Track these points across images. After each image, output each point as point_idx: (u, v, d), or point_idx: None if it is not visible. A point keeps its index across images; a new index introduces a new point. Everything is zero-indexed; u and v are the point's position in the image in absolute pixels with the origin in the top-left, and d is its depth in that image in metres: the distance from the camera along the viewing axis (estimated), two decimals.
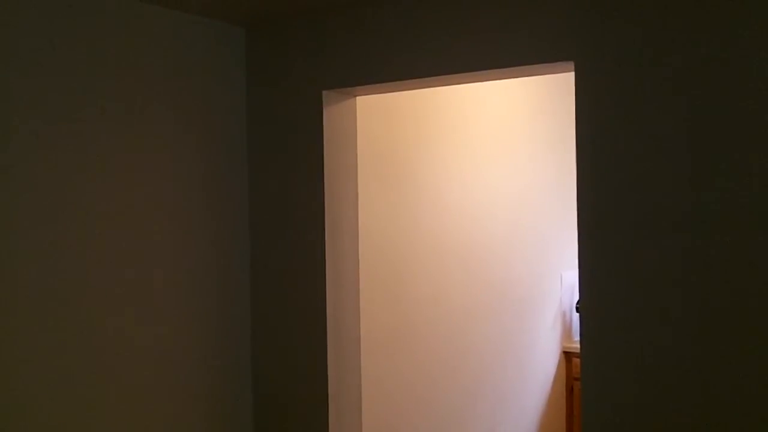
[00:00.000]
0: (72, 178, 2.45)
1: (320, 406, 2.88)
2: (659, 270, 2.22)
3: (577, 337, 4.97)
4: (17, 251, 2.32)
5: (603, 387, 2.32)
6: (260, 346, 3.05)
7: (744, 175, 2.09)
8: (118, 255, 2.58)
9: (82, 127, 2.48)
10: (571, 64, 2.37)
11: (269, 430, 3.04)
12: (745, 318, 2.10)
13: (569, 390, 4.97)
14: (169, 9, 2.74)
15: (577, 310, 4.71)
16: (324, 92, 2.87)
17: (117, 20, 2.59)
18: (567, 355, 4.97)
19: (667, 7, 2.19)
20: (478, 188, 4.08)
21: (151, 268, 2.69)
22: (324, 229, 2.86)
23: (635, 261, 2.26)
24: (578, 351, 3.39)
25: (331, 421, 2.88)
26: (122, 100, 2.60)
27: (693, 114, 2.16)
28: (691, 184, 2.17)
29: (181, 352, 2.79)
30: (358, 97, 3.04)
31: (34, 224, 2.36)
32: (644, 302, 2.25)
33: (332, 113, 2.91)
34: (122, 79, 2.60)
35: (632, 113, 2.26)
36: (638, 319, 2.26)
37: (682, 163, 2.18)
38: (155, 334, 2.70)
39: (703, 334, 2.16)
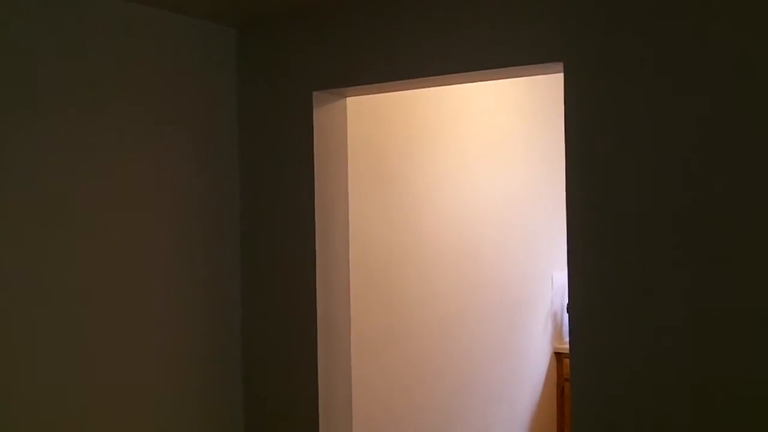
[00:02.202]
0: (65, 180, 2.45)
1: (310, 407, 2.88)
2: (648, 271, 2.23)
3: (567, 338, 4.98)
4: (12, 254, 2.31)
5: (593, 388, 2.33)
6: (250, 347, 3.05)
7: (734, 174, 2.10)
8: (107, 256, 2.57)
9: (75, 129, 2.48)
10: (560, 65, 2.38)
11: (260, 431, 3.03)
12: (736, 317, 2.11)
13: (560, 390, 4.97)
14: (160, 10, 2.73)
15: (568, 311, 4.71)
16: (315, 93, 2.87)
17: (108, 21, 2.58)
18: (558, 355, 4.98)
19: (656, 8, 2.20)
20: (469, 189, 4.09)
21: (141, 269, 2.68)
22: (314, 230, 2.86)
23: (625, 261, 2.26)
24: (569, 352, 3.39)
25: (321, 422, 2.88)
26: (113, 101, 2.59)
27: (681, 114, 2.17)
28: (680, 184, 2.18)
29: (170, 354, 2.78)
30: (348, 98, 3.04)
31: (26, 227, 2.35)
32: (633, 303, 2.26)
33: (323, 114, 2.91)
34: (114, 79, 2.60)
35: (621, 113, 2.26)
36: (628, 320, 2.26)
37: (671, 163, 2.19)
38: (145, 337, 2.69)
39: (693, 334, 2.17)
